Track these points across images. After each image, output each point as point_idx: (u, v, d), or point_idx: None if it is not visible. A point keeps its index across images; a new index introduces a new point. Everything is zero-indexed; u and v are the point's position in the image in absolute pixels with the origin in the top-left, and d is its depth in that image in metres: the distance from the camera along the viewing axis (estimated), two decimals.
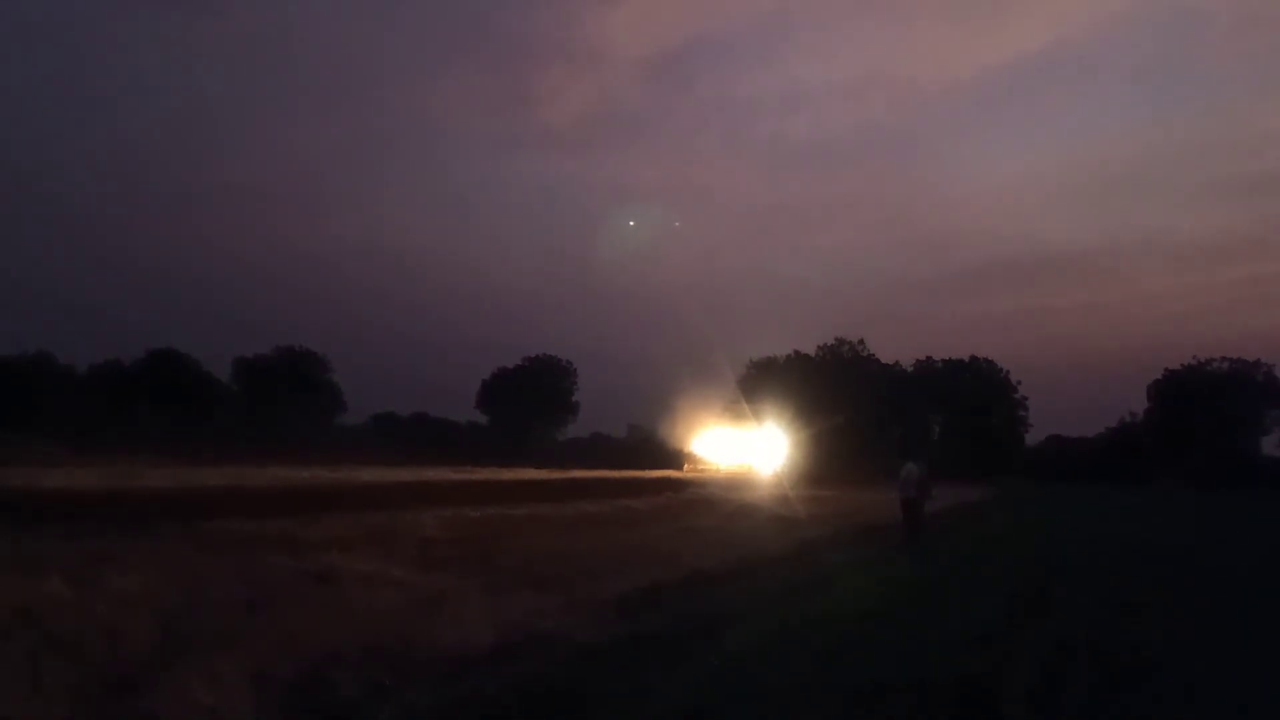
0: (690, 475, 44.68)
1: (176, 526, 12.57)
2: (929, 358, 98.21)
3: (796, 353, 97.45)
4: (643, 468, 46.80)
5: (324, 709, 6.21)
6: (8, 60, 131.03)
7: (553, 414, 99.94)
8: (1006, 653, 9.01)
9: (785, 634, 9.59)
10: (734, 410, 53.77)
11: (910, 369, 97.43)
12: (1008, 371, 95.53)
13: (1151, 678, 8.18)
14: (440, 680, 7.06)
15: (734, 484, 38.00)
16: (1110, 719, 7.04)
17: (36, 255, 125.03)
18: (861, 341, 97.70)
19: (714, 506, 26.92)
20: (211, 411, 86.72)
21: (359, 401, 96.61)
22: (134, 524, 12.30)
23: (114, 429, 55.47)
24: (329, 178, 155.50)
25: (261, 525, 13.56)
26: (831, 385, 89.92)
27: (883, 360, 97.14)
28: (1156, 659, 8.96)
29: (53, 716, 5.61)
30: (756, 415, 53.34)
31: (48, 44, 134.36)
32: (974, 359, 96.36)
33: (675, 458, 53.43)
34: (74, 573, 8.99)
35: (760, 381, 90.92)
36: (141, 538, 11.53)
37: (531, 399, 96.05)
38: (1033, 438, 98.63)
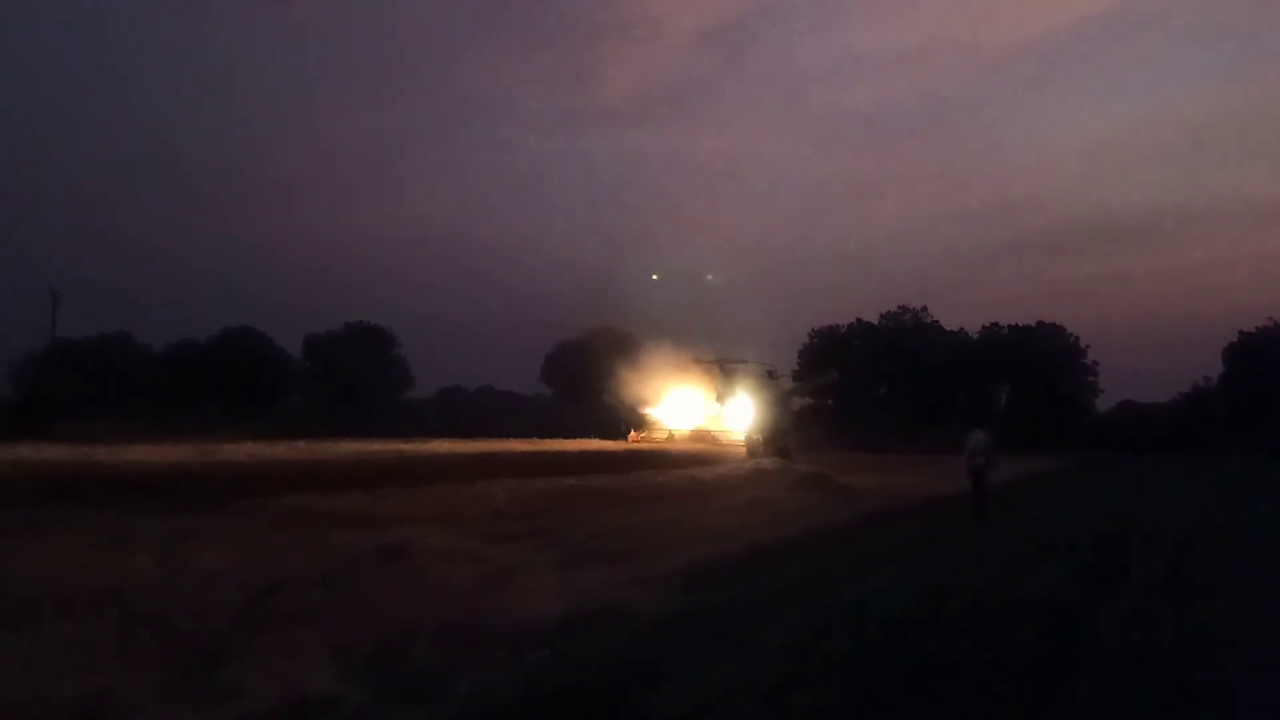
0: (634, 445, 37.58)
1: (253, 502, 12.89)
2: (995, 324, 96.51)
3: (859, 320, 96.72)
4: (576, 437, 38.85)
5: (402, 680, 6.40)
6: (84, 58, 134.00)
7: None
8: (1078, 632, 8.94)
9: (851, 607, 9.59)
10: (708, 368, 44.02)
11: (975, 336, 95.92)
12: (1077, 337, 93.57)
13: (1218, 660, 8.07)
14: (512, 652, 7.22)
15: (696, 457, 31.58)
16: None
17: (116, 241, 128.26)
18: (925, 309, 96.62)
19: (777, 478, 26.85)
20: (285, 387, 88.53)
21: (426, 375, 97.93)
22: (212, 500, 12.66)
23: (190, 405, 56.89)
24: (392, 159, 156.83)
25: (336, 500, 13.86)
26: (893, 352, 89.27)
27: (947, 328, 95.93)
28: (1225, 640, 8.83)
29: (145, 688, 5.84)
30: (731, 374, 43.88)
31: (119, 40, 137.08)
32: (1041, 324, 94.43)
33: (618, 425, 45.22)
34: (158, 549, 9.32)
35: (822, 350, 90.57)
36: (220, 514, 11.88)
37: (592, 370, 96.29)
38: (1104, 403, 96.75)
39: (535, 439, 32.75)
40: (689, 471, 25.60)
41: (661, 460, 27.99)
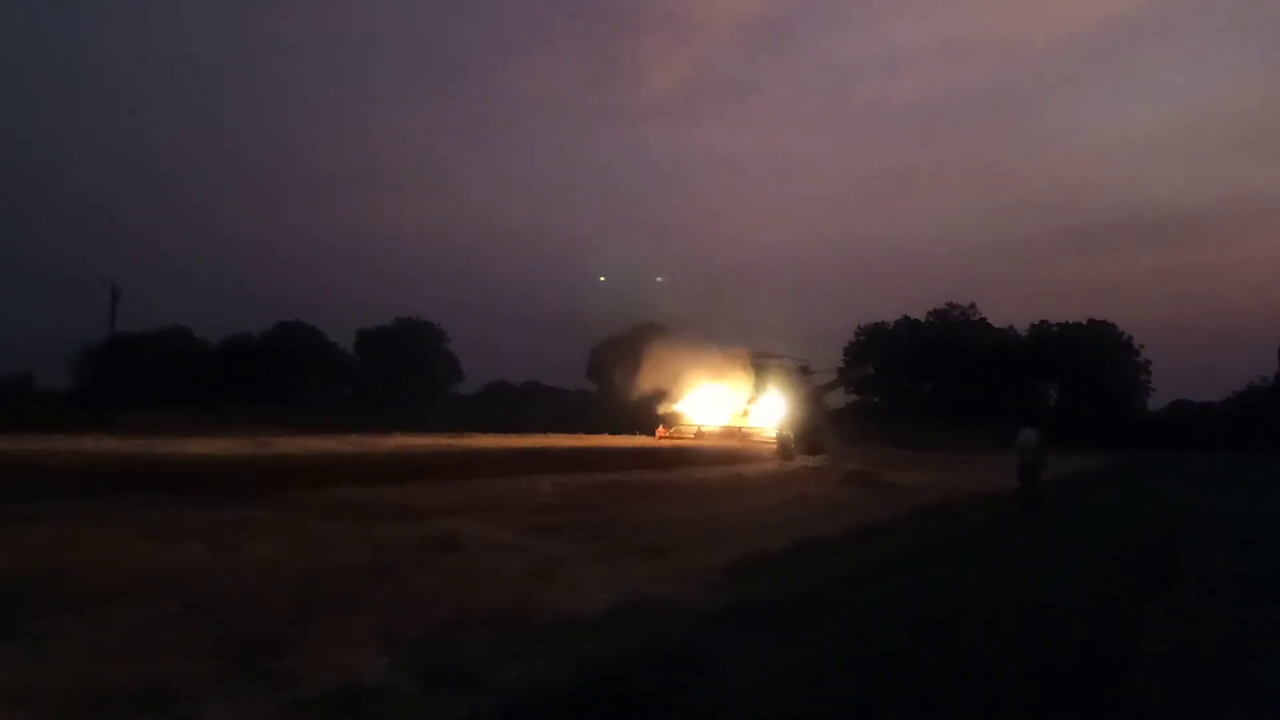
0: (660, 442, 36.31)
1: (305, 494, 13.14)
2: (1044, 321, 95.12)
3: (906, 318, 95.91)
4: (607, 432, 38.53)
5: (451, 669, 6.49)
6: (131, 57, 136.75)
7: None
8: (1128, 630, 8.87)
9: (898, 602, 9.59)
10: (740, 363, 41.78)
11: (1024, 334, 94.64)
12: (1130, 335, 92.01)
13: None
14: (560, 643, 7.30)
15: (727, 454, 30.84)
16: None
17: (172, 237, 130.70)
18: (973, 306, 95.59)
19: (823, 475, 26.81)
20: (336, 381, 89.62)
21: (474, 370, 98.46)
22: (265, 492, 12.93)
23: (245, 398, 57.81)
24: (440, 156, 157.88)
25: (385, 492, 14.09)
26: (939, 349, 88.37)
27: (995, 325, 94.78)
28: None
29: (201, 675, 5.98)
30: (763, 369, 40.70)
31: (166, 39, 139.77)
32: (1092, 321, 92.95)
33: (647, 421, 42.22)
34: (213, 539, 9.55)
35: (868, 347, 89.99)
36: (273, 505, 12.12)
37: (625, 366, 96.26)
38: (1157, 403, 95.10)
39: (580, 435, 32.89)
40: (733, 468, 25.63)
41: (690, 457, 27.79)
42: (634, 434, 39.59)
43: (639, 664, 6.82)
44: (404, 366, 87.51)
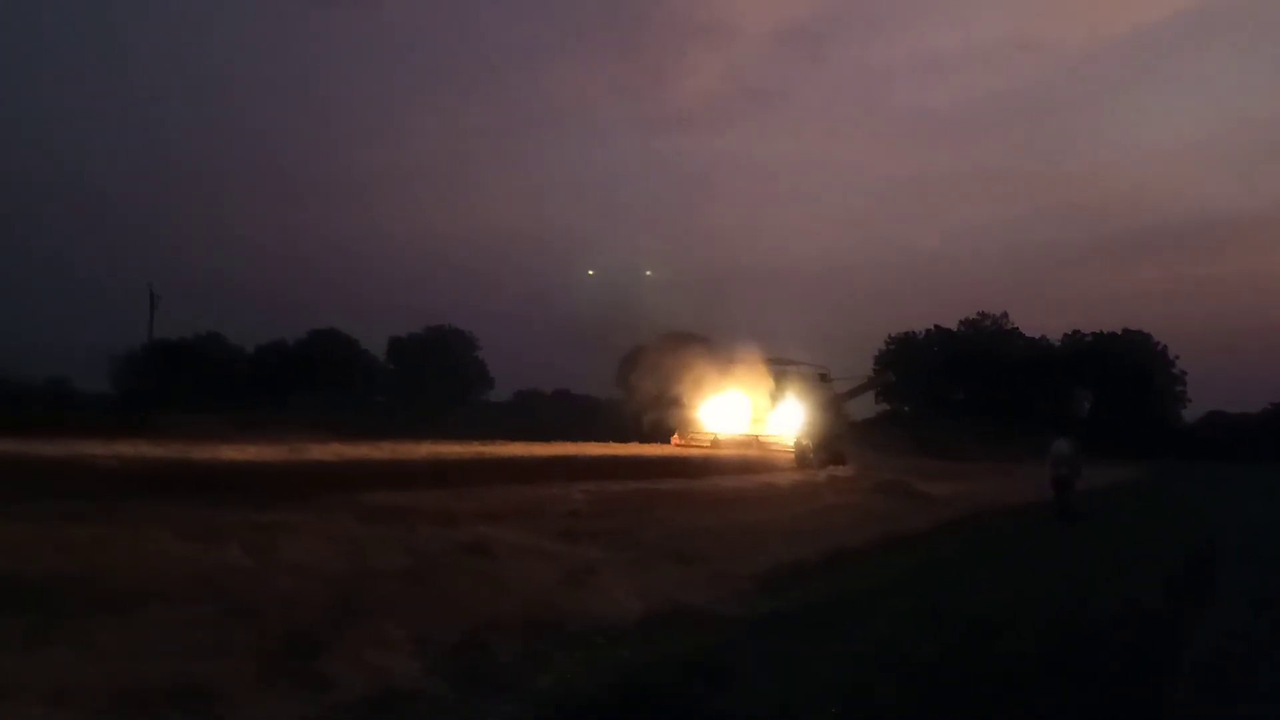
0: (676, 450, 35.17)
1: (338, 499, 13.19)
2: (1077, 331, 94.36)
3: (937, 327, 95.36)
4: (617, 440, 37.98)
5: (485, 673, 6.51)
6: (165, 64, 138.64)
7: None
8: (1163, 641, 8.75)
9: (931, 612, 9.51)
10: (755, 370, 40.46)
11: (1058, 343, 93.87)
12: (1164, 345, 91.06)
13: None
14: (592, 649, 7.31)
15: (747, 464, 29.42)
16: None
17: (209, 244, 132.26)
18: (1005, 315, 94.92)
19: (854, 484, 26.65)
20: (368, 388, 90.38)
21: (505, 378, 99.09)
22: (300, 496, 12.99)
23: (279, 404, 58.30)
24: (470, 162, 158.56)
25: (417, 498, 14.12)
26: (971, 359, 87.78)
27: (1028, 334, 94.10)
28: None
29: (238, 677, 6.02)
30: (781, 376, 39.67)
31: (198, 46, 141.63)
32: (1127, 331, 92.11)
33: (663, 429, 42.69)
34: (250, 542, 9.61)
35: (899, 356, 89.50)
36: (307, 509, 12.18)
37: (647, 374, 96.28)
38: (1192, 414, 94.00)
39: (610, 443, 32.72)
40: (759, 477, 25.50)
41: (715, 466, 27.46)
42: (650, 442, 39.20)
43: (671, 671, 6.80)
44: (435, 374, 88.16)
